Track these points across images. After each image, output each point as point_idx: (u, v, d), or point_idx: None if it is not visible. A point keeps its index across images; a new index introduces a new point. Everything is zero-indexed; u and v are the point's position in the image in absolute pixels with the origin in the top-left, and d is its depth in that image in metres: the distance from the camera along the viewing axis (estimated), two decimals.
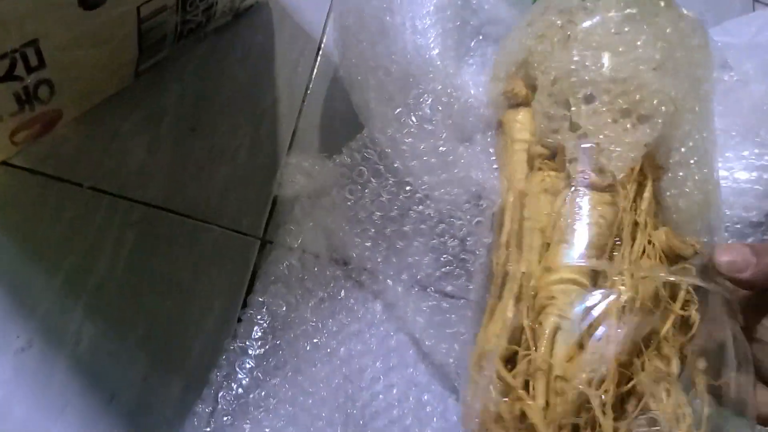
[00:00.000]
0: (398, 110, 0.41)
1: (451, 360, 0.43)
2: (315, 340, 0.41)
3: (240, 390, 0.38)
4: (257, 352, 0.40)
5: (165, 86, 0.45)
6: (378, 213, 0.42)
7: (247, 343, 0.40)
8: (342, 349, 0.42)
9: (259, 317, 0.40)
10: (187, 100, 0.45)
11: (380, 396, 0.41)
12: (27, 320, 0.38)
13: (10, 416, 0.36)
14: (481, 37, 0.49)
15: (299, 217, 0.44)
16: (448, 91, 0.42)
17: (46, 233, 0.40)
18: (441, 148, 0.42)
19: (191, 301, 0.41)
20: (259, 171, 0.45)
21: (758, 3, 0.66)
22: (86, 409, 0.37)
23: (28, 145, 0.41)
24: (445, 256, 0.42)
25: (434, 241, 0.42)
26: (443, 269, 0.42)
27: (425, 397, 0.42)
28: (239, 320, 0.41)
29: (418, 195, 0.41)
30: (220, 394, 0.38)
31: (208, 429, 0.37)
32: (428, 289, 0.43)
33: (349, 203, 0.42)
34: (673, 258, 0.34)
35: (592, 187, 0.35)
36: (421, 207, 0.41)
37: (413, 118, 0.40)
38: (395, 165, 0.40)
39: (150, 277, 0.40)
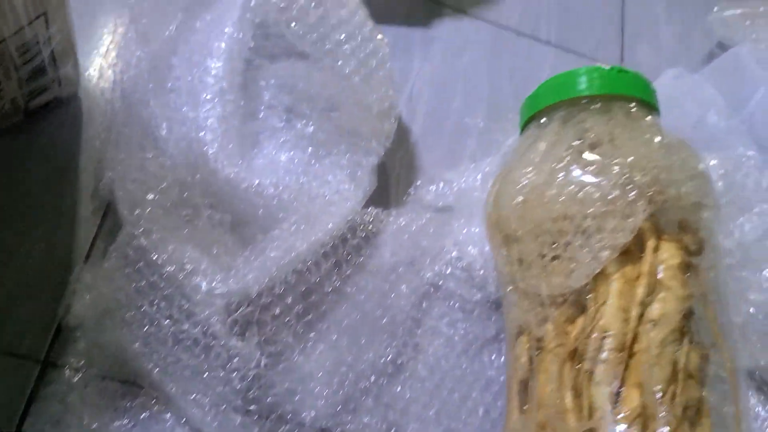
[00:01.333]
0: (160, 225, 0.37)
1: None
2: None
3: None
4: None
5: None
6: (165, 328, 0.38)
7: None
8: None
9: None
10: None
11: None
12: None
13: None
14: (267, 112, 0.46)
15: (87, 337, 0.39)
16: (226, 188, 0.39)
17: None
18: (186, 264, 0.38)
19: None
20: (48, 283, 0.41)
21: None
22: None
23: None
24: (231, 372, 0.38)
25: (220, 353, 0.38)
26: (237, 385, 0.38)
27: None
28: None
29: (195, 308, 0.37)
30: None
31: None
32: (230, 406, 0.39)
33: (141, 321, 0.38)
34: None
35: None
36: (195, 324, 0.37)
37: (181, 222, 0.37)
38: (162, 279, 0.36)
39: None
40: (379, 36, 0.45)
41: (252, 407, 0.37)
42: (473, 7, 0.63)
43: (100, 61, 0.47)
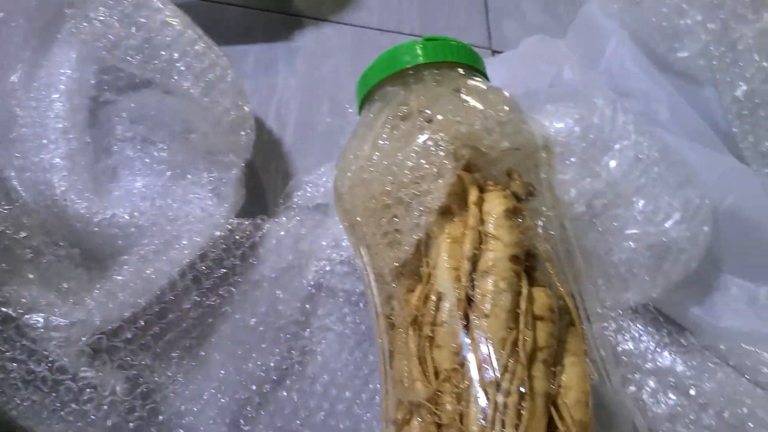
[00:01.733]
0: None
1: None
2: None
3: None
4: None
5: None
6: (14, 372, 0.36)
7: None
8: None
9: None
10: None
11: None
12: None
13: None
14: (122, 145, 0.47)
15: None
16: (79, 224, 0.39)
17: None
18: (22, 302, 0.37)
19: None
20: None
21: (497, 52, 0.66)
22: None
23: None
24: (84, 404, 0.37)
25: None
26: (92, 415, 0.37)
27: None
28: None
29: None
30: None
31: None
32: None
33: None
34: None
35: None
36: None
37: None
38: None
39: None
40: (214, 49, 0.46)
41: None
42: (333, 13, 0.64)
43: None
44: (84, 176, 0.43)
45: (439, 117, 0.37)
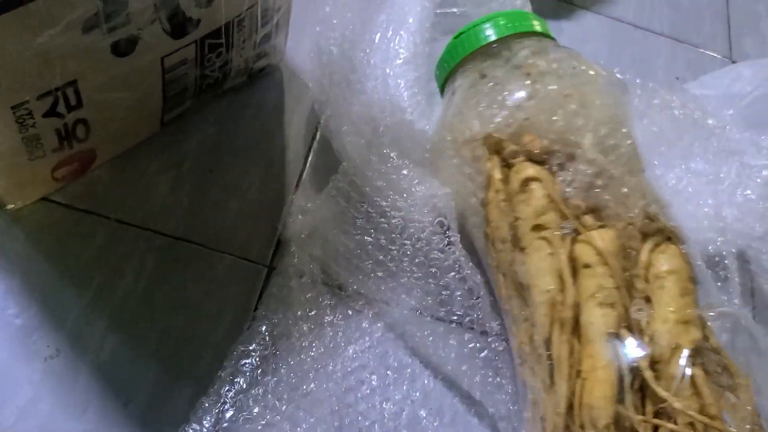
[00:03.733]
0: (372, 156, 0.48)
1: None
2: (312, 353, 0.44)
3: (243, 385, 0.42)
4: (257, 357, 0.43)
5: (187, 134, 0.51)
6: (367, 242, 0.47)
7: (251, 347, 0.43)
8: (339, 365, 0.45)
9: (262, 327, 0.44)
10: (206, 147, 0.51)
11: (377, 407, 0.44)
12: (57, 331, 0.42)
13: (37, 414, 0.40)
14: None
15: (300, 249, 0.48)
16: (414, 134, 0.49)
17: (77, 257, 0.45)
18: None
19: (202, 318, 0.45)
20: (267, 207, 0.50)
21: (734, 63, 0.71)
22: (105, 411, 0.40)
23: (66, 184, 0.46)
24: (430, 280, 0.47)
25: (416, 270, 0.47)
26: (432, 297, 0.47)
27: (421, 413, 0.45)
28: (246, 330, 0.45)
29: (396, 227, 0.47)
30: (223, 390, 0.41)
31: (210, 419, 0.40)
32: (419, 312, 0.48)
33: (342, 236, 0.48)
34: None
35: None
36: (400, 238, 0.47)
37: (388, 163, 0.48)
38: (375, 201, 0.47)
39: (166, 297, 0.45)
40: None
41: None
42: (594, 5, 0.71)
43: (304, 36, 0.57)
44: (424, 99, 0.52)
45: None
